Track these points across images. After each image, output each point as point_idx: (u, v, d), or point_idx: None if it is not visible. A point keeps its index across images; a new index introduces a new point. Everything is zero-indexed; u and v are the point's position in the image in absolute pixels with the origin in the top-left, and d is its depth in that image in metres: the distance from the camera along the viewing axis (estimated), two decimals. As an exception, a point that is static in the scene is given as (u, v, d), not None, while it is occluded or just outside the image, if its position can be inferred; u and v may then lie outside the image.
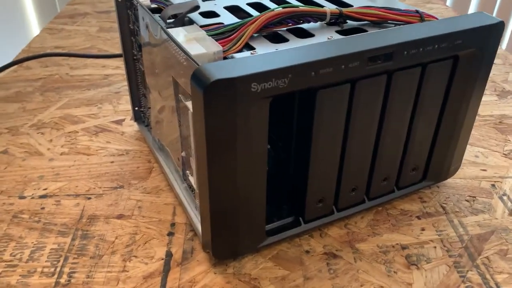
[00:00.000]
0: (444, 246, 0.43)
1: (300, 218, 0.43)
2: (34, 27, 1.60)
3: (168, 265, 0.41)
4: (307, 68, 0.32)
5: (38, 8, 1.62)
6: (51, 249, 0.43)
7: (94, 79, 0.74)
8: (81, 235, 0.44)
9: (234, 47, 0.37)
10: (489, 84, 0.71)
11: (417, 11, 0.42)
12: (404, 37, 0.36)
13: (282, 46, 0.38)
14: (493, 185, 0.50)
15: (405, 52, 0.36)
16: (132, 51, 0.54)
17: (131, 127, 0.61)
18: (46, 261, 0.41)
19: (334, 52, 0.33)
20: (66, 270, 0.40)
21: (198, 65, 0.33)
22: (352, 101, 0.37)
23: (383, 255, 0.42)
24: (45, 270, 0.40)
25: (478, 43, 0.39)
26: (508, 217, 0.46)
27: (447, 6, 1.06)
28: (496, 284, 0.39)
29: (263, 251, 0.42)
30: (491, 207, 0.47)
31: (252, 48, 0.38)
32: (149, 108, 0.53)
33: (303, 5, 0.44)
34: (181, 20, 0.42)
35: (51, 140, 0.58)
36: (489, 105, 0.66)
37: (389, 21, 0.42)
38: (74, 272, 0.40)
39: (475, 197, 0.49)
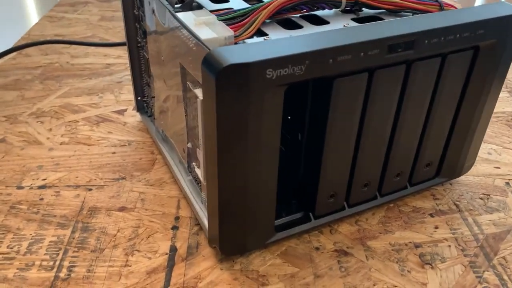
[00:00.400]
0: (459, 245, 0.41)
1: (310, 214, 0.41)
2: (33, 15, 1.58)
3: (172, 260, 0.39)
4: (325, 55, 0.31)
5: (38, -3, 1.60)
6: (50, 241, 0.41)
7: (96, 68, 0.72)
8: (81, 228, 0.42)
9: (246, 33, 0.35)
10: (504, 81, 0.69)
11: (436, 0, 0.40)
12: (426, 25, 0.34)
13: (296, 33, 0.36)
14: (507, 183, 0.49)
15: (426, 41, 0.34)
16: (136, 38, 0.52)
17: (134, 117, 0.59)
18: (45, 254, 0.39)
19: (353, 39, 0.32)
20: (66, 263, 0.39)
21: (209, 49, 0.31)
22: (369, 91, 0.35)
23: (395, 254, 0.40)
24: (44, 263, 0.39)
25: (500, 34, 0.38)
26: (524, 216, 0.45)
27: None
28: (514, 285, 0.38)
29: (271, 247, 0.41)
30: (506, 206, 0.46)
31: (265, 34, 0.36)
32: (153, 97, 0.51)
33: (316, -9, 0.42)
34: (189, 4, 0.40)
35: (50, 129, 0.56)
36: (500, 101, 0.64)
37: (406, 10, 0.40)
38: (74, 266, 0.38)
39: (489, 195, 0.47)
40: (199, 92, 0.34)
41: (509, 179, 0.49)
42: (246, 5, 0.41)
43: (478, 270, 0.39)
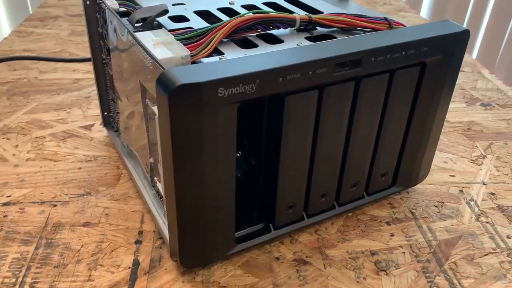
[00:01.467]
0: (413, 251, 0.43)
1: (270, 225, 0.42)
2: (5, 30, 1.56)
3: (135, 274, 0.40)
4: (275, 74, 0.32)
5: (10, 10, 1.58)
6: (13, 258, 0.41)
7: (64, 83, 0.72)
8: (45, 244, 0.43)
9: (203, 52, 0.37)
10: (458, 92, 0.73)
11: (385, 18, 0.43)
12: (372, 43, 0.36)
13: (251, 52, 0.37)
14: (461, 191, 0.51)
15: (373, 59, 0.36)
16: (101, 55, 0.53)
17: (100, 132, 0.60)
18: (7, 271, 0.40)
19: (301, 58, 0.33)
20: (28, 280, 0.39)
21: (164, 69, 0.32)
22: (320, 107, 0.37)
23: (352, 261, 0.42)
24: (6, 280, 0.39)
25: (444, 50, 0.40)
26: (475, 222, 0.47)
27: (418, 15, 1.08)
28: (463, 288, 0.39)
29: (233, 258, 0.42)
30: (459, 212, 0.48)
31: (221, 53, 0.37)
32: (118, 113, 0.52)
33: (273, 11, 0.44)
34: (150, 24, 0.41)
35: (16, 146, 0.57)
36: (458, 112, 0.67)
37: (358, 28, 0.42)
38: (36, 282, 0.39)
39: (443, 202, 0.49)
40: (156, 109, 0.35)
41: (463, 187, 0.52)
42: (206, 24, 0.42)
43: (430, 275, 0.41)
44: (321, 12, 0.46)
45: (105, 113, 0.57)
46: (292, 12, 0.44)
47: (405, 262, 0.42)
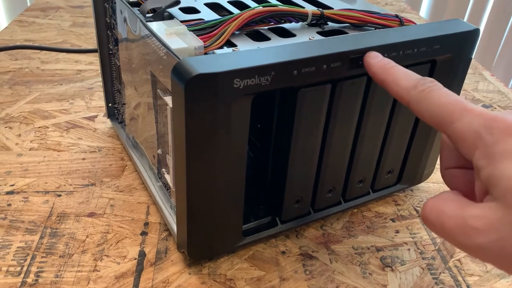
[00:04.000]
0: (418, 248, 0.43)
1: (277, 219, 0.42)
2: (2, 20, 1.55)
3: (141, 265, 0.40)
4: (290, 66, 0.32)
5: (7, 1, 1.57)
6: (18, 247, 0.41)
7: (66, 74, 0.72)
8: (50, 233, 0.42)
9: (216, 43, 0.37)
10: (460, 93, 0.73)
11: (396, 16, 0.43)
12: (386, 39, 0.36)
13: (263, 44, 0.37)
14: (464, 190, 0.51)
15: (386, 55, 0.36)
16: (108, 45, 0.52)
17: (104, 123, 0.59)
18: (12, 260, 0.39)
19: (316, 52, 0.33)
20: (34, 269, 0.39)
21: (179, 59, 0.32)
22: (332, 102, 0.37)
23: (358, 257, 0.42)
24: (11, 269, 0.39)
25: (455, 49, 0.40)
26: (478, 221, 0.47)
27: (420, 16, 1.08)
28: (468, 286, 0.40)
29: (239, 251, 0.42)
30: (463, 211, 0.48)
31: (234, 45, 0.37)
32: (124, 104, 0.52)
33: (284, 5, 0.44)
34: (161, 14, 0.41)
35: (19, 135, 0.56)
36: (460, 112, 0.67)
37: (369, 24, 0.42)
38: (42, 272, 0.39)
39: (447, 201, 0.50)
40: (169, 100, 0.35)
41: (466, 186, 0.52)
42: (216, 16, 0.42)
43: (435, 272, 0.41)
44: (331, 8, 0.46)
45: (110, 104, 0.57)
46: (303, 7, 0.44)
47: (410, 258, 0.42)
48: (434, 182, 0.52)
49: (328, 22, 0.42)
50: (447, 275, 0.41)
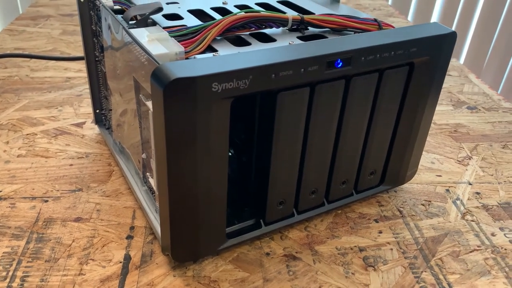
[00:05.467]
0: (400, 248, 0.44)
1: (261, 221, 0.43)
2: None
3: (126, 268, 0.40)
4: (268, 70, 0.33)
5: (-1, 10, 1.57)
6: (4, 252, 0.41)
7: (55, 81, 0.72)
8: (36, 238, 0.43)
9: (197, 49, 0.37)
10: (445, 95, 0.74)
11: (375, 20, 0.44)
12: (362, 43, 0.37)
13: (244, 49, 0.38)
14: (447, 190, 0.52)
15: (363, 58, 0.37)
16: (94, 52, 0.53)
17: (92, 130, 0.60)
18: (-2, 265, 0.40)
19: (294, 56, 0.34)
20: (19, 274, 0.39)
21: (159, 64, 0.33)
22: (311, 104, 0.37)
23: (341, 257, 0.42)
24: (-3, 274, 0.39)
25: (432, 51, 0.41)
26: (460, 220, 0.48)
27: (408, 20, 1.09)
28: (449, 284, 0.40)
29: (224, 253, 0.42)
30: (445, 211, 0.49)
31: (215, 50, 0.38)
32: (110, 110, 0.53)
33: (265, 11, 0.45)
34: (144, 21, 0.42)
35: (7, 142, 0.57)
36: (445, 114, 0.68)
37: (348, 29, 0.43)
38: (27, 276, 0.39)
39: (430, 201, 0.50)
40: (150, 105, 0.36)
41: (449, 186, 0.53)
42: (199, 22, 0.43)
43: (417, 271, 0.42)
44: (313, 13, 0.47)
45: (97, 111, 0.57)
46: (284, 13, 0.45)
47: (393, 258, 0.43)
48: (417, 183, 0.53)
49: (309, 27, 0.43)
50: (428, 274, 0.41)
